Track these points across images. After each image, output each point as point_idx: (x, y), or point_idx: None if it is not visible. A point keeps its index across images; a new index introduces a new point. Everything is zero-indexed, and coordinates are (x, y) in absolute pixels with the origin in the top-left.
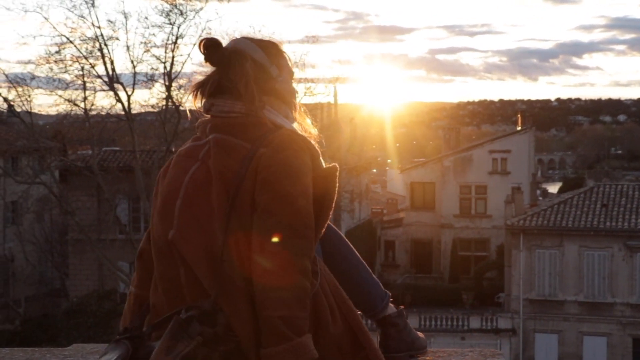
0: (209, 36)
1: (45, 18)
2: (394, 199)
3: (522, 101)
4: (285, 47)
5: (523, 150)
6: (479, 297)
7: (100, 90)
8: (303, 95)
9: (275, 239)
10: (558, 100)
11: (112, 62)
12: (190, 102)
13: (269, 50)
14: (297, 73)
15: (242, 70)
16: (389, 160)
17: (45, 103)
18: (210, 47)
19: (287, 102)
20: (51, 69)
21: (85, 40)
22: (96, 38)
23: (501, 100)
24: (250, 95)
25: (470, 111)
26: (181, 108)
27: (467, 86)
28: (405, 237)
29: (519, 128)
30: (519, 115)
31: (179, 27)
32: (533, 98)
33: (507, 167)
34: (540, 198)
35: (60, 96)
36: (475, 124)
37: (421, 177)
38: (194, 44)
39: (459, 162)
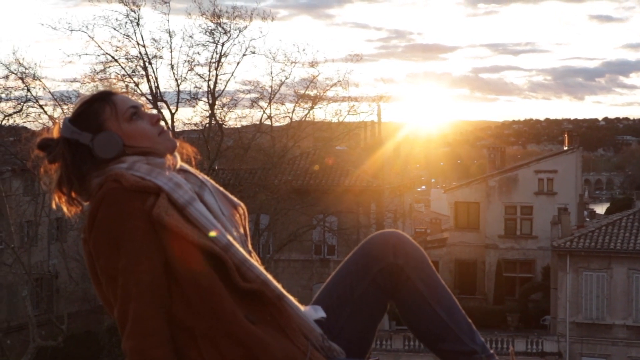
0: (41, 138)
1: (91, 37)
2: (438, 219)
3: (568, 120)
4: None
5: (570, 170)
6: (524, 320)
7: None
8: (347, 114)
9: None
10: (605, 119)
11: (156, 80)
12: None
13: (80, 118)
14: (340, 91)
15: (61, 164)
16: (432, 180)
17: None
18: (42, 148)
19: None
20: (96, 88)
21: (129, 58)
22: (140, 56)
23: (547, 120)
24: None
25: (515, 130)
26: (224, 126)
27: (512, 105)
28: (449, 258)
29: (565, 148)
30: (565, 135)
31: (222, 46)
32: (579, 117)
33: (554, 188)
34: (588, 219)
35: None
36: (521, 143)
37: (466, 197)
38: (238, 63)
39: (504, 182)
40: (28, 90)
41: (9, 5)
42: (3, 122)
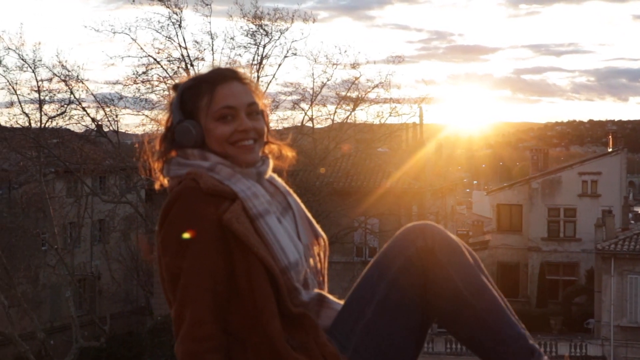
0: (176, 84)
1: (133, 39)
2: (480, 221)
3: (612, 122)
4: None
5: (614, 172)
6: (568, 323)
7: None
8: (388, 116)
9: None
10: None
11: None
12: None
13: (185, 93)
14: (382, 93)
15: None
16: (475, 182)
17: (132, 123)
18: (174, 88)
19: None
20: (138, 90)
21: (171, 60)
22: (182, 58)
23: (590, 121)
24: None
25: (558, 132)
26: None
27: (555, 106)
28: (492, 260)
29: (610, 149)
30: (609, 136)
31: (264, 48)
32: (624, 118)
33: (598, 190)
34: (632, 222)
35: (146, 116)
36: (564, 145)
37: (508, 199)
38: (279, 64)
39: (547, 184)
40: (71, 92)
41: (53, 9)
42: (47, 124)
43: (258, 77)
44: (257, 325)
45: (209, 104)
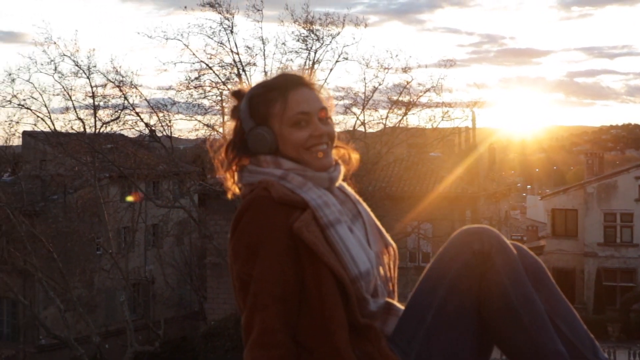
0: (237, 89)
1: (186, 45)
2: (535, 226)
3: None
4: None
5: None
6: (626, 330)
7: None
8: (440, 120)
9: None
10: None
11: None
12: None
13: (254, 100)
14: (434, 97)
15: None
16: (528, 186)
17: (185, 128)
18: (235, 95)
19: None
20: (191, 95)
21: (223, 66)
22: (234, 64)
23: None
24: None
25: (613, 135)
26: None
27: (609, 110)
28: (546, 266)
29: None
30: None
31: (315, 53)
32: None
33: None
34: None
35: (199, 121)
36: (619, 148)
37: (563, 204)
38: (331, 69)
39: (602, 188)
40: (125, 98)
41: (106, 15)
42: (101, 130)
43: None
44: (325, 335)
45: (282, 110)
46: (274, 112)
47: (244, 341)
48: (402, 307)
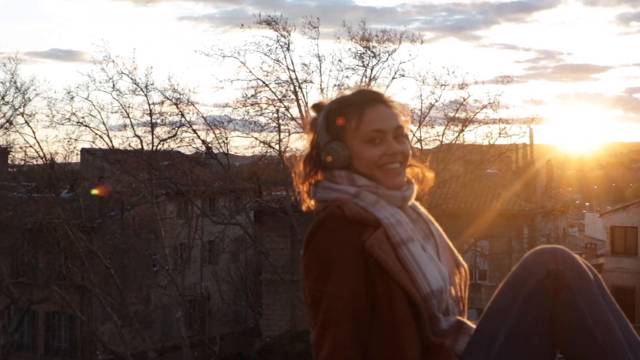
0: (318, 102)
1: (242, 62)
2: (593, 244)
3: None
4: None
5: None
6: None
7: (295, 132)
8: (497, 137)
9: None
10: None
11: (306, 105)
12: None
13: (332, 115)
14: (491, 114)
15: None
16: (587, 203)
17: (242, 145)
18: (315, 109)
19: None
20: (247, 112)
21: (280, 83)
22: (291, 81)
23: None
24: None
25: None
26: None
27: None
28: (606, 284)
29: None
30: None
31: (372, 69)
32: None
33: None
34: None
35: (255, 138)
36: None
37: (622, 221)
38: (387, 86)
39: None
40: (182, 115)
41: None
42: (158, 147)
43: None
44: (395, 353)
45: (357, 126)
46: (349, 127)
47: (315, 357)
48: (473, 325)
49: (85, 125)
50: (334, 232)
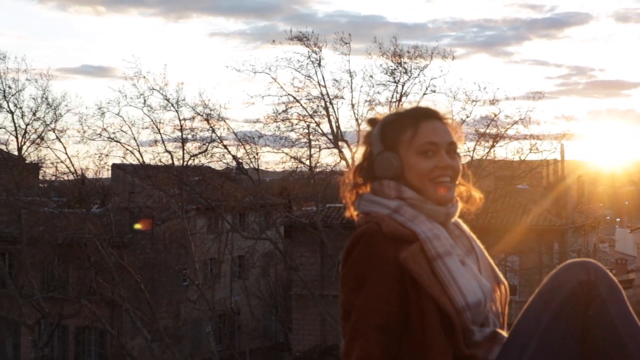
0: (373, 117)
1: (273, 78)
2: (624, 259)
3: None
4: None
5: None
6: None
7: (325, 147)
8: (528, 152)
9: None
10: None
11: (337, 120)
12: None
13: (387, 127)
14: (521, 129)
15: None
16: (618, 219)
17: (272, 160)
18: (370, 123)
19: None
20: (278, 128)
21: (311, 99)
22: (322, 97)
23: None
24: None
25: None
26: None
27: None
28: (637, 299)
29: None
30: None
31: (403, 85)
32: None
33: None
34: None
35: (286, 154)
36: None
37: None
38: (418, 102)
39: None
40: (213, 131)
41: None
42: (189, 162)
43: None
44: None
45: (412, 138)
46: (403, 138)
47: None
48: (507, 335)
49: (116, 141)
50: (371, 247)
